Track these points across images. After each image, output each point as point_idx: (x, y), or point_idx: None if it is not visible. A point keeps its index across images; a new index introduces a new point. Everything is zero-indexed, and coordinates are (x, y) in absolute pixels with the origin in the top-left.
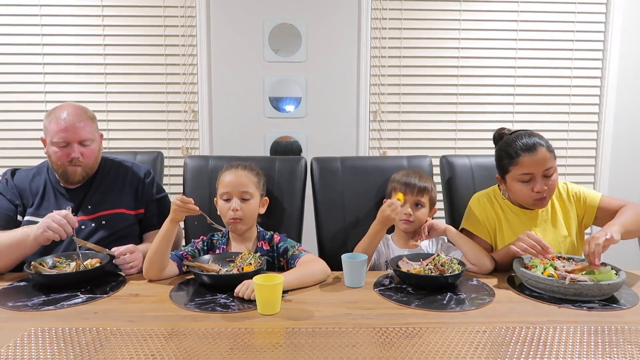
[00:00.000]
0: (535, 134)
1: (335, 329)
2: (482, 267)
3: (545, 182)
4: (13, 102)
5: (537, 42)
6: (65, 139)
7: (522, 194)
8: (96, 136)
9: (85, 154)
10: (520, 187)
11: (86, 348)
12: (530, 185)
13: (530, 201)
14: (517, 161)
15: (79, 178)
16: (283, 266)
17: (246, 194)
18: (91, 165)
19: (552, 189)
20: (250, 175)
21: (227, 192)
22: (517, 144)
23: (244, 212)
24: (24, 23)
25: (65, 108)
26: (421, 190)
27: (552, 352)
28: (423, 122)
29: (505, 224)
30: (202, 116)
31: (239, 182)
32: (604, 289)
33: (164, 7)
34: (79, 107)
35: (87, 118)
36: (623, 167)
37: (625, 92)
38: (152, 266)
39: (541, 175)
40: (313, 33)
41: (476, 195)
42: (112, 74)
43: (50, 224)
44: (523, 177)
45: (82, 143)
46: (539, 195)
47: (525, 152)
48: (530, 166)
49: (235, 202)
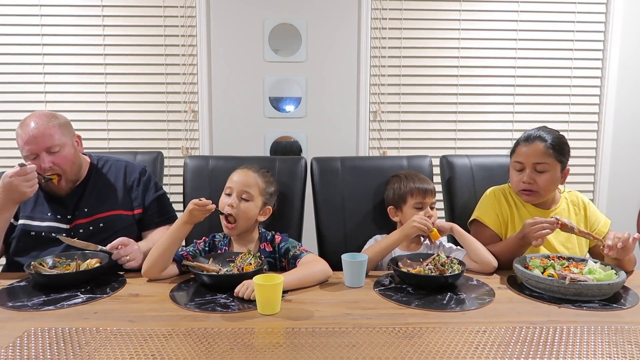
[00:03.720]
0: (550, 133)
1: (335, 329)
2: (486, 265)
3: (535, 177)
4: (13, 102)
5: (537, 42)
6: (31, 150)
7: (513, 181)
8: (66, 141)
9: (57, 161)
10: (513, 175)
11: (86, 348)
12: (520, 175)
13: (517, 190)
14: (516, 149)
15: (66, 190)
16: (285, 267)
17: (246, 194)
18: (69, 171)
19: (543, 187)
20: (258, 178)
21: (230, 187)
22: (524, 135)
23: (238, 210)
24: (24, 23)
25: (30, 119)
26: (434, 193)
27: (552, 352)
28: (423, 122)
29: (518, 219)
30: (202, 116)
31: (244, 180)
32: (604, 289)
33: (164, 7)
34: (43, 116)
35: (53, 125)
36: (623, 167)
37: (625, 92)
38: (155, 266)
39: (531, 167)
40: (313, 33)
41: (491, 189)
42: (112, 74)
43: (12, 182)
44: (516, 165)
45: (50, 151)
46: (525, 186)
47: (523, 142)
48: (522, 155)
49: (233, 199)
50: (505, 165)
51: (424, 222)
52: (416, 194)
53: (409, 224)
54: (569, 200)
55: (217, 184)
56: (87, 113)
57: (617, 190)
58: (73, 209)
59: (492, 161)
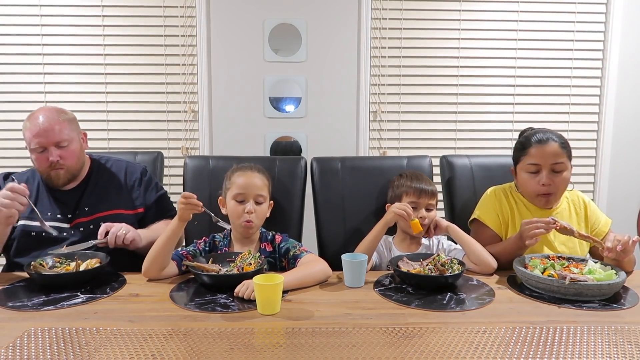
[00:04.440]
0: (554, 132)
1: (335, 329)
2: (486, 266)
3: (553, 178)
4: (13, 102)
5: (537, 42)
6: (40, 144)
7: (528, 185)
8: (74, 136)
9: (64, 155)
10: (527, 178)
11: (86, 348)
12: (536, 177)
13: (534, 195)
14: (528, 151)
15: (64, 181)
16: (285, 266)
17: (260, 197)
18: (74, 166)
19: (561, 188)
20: (263, 178)
21: (242, 194)
22: (532, 136)
23: (257, 214)
24: (24, 23)
25: (39, 113)
26: (433, 194)
27: (552, 352)
28: (423, 122)
29: (519, 219)
30: (202, 116)
31: (255, 184)
32: (604, 289)
33: (164, 7)
34: (53, 110)
35: (63, 120)
36: (623, 167)
37: (625, 92)
38: (154, 265)
39: (549, 168)
40: (313, 33)
41: (492, 188)
42: (112, 74)
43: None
44: (530, 168)
45: (59, 145)
46: (544, 189)
47: (536, 143)
48: (538, 157)
49: (251, 205)
50: (506, 165)
51: (402, 208)
52: (411, 193)
53: (389, 212)
54: (569, 200)
55: (217, 184)
56: (87, 113)
57: (617, 191)
58: (74, 208)
59: (492, 161)
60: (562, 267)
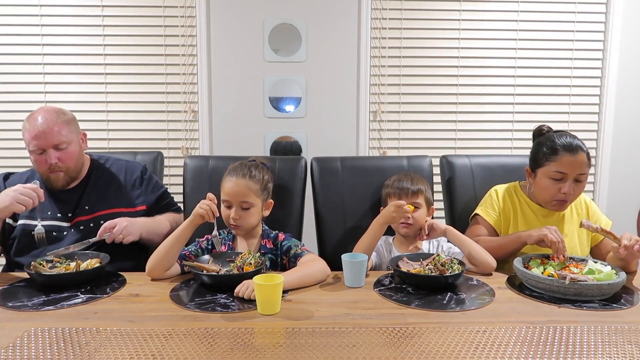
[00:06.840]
0: (578, 139)
1: (335, 329)
2: (485, 266)
3: (574, 187)
4: (13, 102)
5: (537, 42)
6: (39, 146)
7: (548, 191)
8: (73, 138)
9: (63, 157)
10: (548, 184)
11: (86, 348)
12: (558, 185)
13: (551, 201)
14: (557, 158)
15: (63, 182)
16: (285, 265)
17: (245, 204)
18: (73, 168)
19: (576, 197)
20: (251, 183)
21: (227, 200)
22: (560, 141)
23: (242, 220)
24: (24, 23)
25: (38, 114)
26: (415, 192)
27: (552, 352)
28: (423, 122)
29: (522, 219)
30: (202, 116)
31: (238, 192)
32: (604, 289)
33: (164, 7)
34: (52, 111)
35: (62, 121)
36: (623, 168)
37: (625, 92)
38: (160, 265)
39: (573, 178)
40: (313, 33)
41: (497, 186)
42: (112, 74)
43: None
44: (555, 175)
45: (58, 147)
46: (563, 197)
47: (566, 151)
48: (567, 166)
49: (235, 212)
50: (506, 164)
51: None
52: (392, 194)
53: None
54: None
55: (217, 184)
56: (87, 113)
57: (617, 191)
58: (74, 207)
59: (492, 161)
60: (562, 267)
